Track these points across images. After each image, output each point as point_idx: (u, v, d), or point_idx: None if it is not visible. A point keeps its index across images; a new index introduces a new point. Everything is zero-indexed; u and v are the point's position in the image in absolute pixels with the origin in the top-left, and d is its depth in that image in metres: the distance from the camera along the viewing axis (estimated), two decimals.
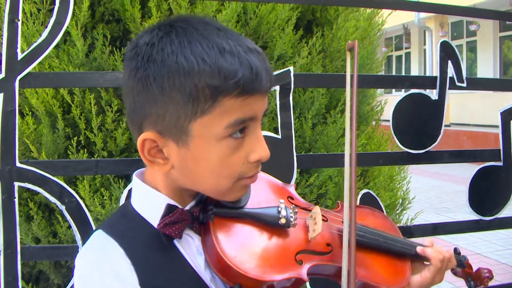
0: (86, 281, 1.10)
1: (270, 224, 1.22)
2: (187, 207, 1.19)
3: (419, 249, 1.48)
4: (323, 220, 1.32)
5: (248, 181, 1.17)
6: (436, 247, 1.51)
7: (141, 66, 1.07)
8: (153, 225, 1.16)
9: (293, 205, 1.29)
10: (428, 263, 1.49)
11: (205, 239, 1.18)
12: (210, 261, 1.16)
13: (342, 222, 1.36)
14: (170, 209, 1.15)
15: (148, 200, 1.20)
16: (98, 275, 1.09)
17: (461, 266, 1.58)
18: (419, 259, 1.50)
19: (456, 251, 1.64)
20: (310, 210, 1.34)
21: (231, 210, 1.20)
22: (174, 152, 1.11)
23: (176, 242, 1.16)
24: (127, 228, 1.17)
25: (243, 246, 1.18)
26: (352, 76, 1.40)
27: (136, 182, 1.23)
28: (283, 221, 1.22)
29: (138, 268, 1.09)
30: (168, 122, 1.08)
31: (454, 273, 1.60)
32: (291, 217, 1.23)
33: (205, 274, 1.17)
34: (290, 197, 1.37)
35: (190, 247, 1.18)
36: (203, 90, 1.03)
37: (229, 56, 1.04)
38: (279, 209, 1.24)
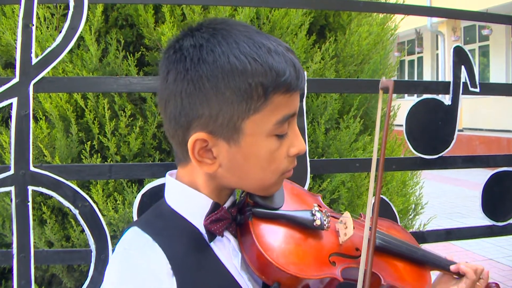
0: (124, 282, 1.09)
1: (304, 225, 1.26)
2: (225, 207, 1.22)
3: (453, 267, 1.51)
4: None
5: (288, 174, 1.22)
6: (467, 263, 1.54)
7: (191, 67, 1.09)
8: (193, 224, 1.18)
9: (325, 210, 1.33)
10: (457, 276, 1.52)
11: (242, 239, 1.21)
12: (249, 260, 1.18)
13: (369, 228, 1.41)
14: (215, 206, 1.19)
15: (189, 200, 1.21)
16: (137, 277, 1.08)
17: None
18: (449, 273, 1.53)
19: None
20: (337, 217, 1.38)
21: (268, 211, 1.24)
22: (224, 151, 1.14)
23: (212, 244, 1.18)
24: (164, 226, 1.18)
25: (281, 244, 1.21)
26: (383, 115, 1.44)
27: (172, 182, 1.24)
28: (317, 222, 1.26)
29: (176, 271, 1.10)
30: (221, 122, 1.10)
31: None
32: (324, 219, 1.27)
33: (240, 276, 1.19)
34: (319, 205, 1.40)
35: (226, 248, 1.20)
36: (256, 88, 1.07)
37: (275, 55, 1.09)
38: (313, 211, 1.28)
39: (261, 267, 1.17)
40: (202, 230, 1.18)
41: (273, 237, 1.21)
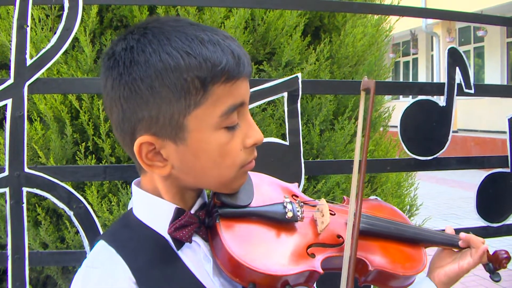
0: None
1: (277, 220, 1.21)
2: (192, 211, 1.18)
3: (461, 243, 1.50)
4: (331, 214, 1.31)
5: (248, 166, 1.17)
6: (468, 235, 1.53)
7: (124, 71, 1.05)
8: (159, 232, 1.15)
9: (298, 200, 1.29)
10: (456, 249, 1.51)
11: (213, 243, 1.16)
12: (221, 264, 1.14)
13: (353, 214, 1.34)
14: (179, 212, 1.14)
15: (152, 208, 1.17)
16: None
17: None
18: (448, 248, 1.52)
19: None
20: (316, 205, 1.33)
21: (236, 210, 1.19)
22: (172, 152, 1.10)
23: (179, 252, 1.14)
24: (130, 238, 1.15)
25: (252, 243, 1.16)
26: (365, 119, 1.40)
27: (136, 191, 1.21)
28: (289, 214, 1.20)
29: (141, 284, 1.07)
30: (163, 122, 1.07)
31: None
32: (298, 211, 1.22)
33: (212, 282, 1.15)
34: (294, 195, 1.36)
35: (196, 254, 1.16)
36: (193, 82, 1.03)
37: (210, 45, 1.05)
38: (285, 203, 1.22)
39: (233, 269, 1.12)
40: (169, 238, 1.14)
41: (243, 237, 1.16)
